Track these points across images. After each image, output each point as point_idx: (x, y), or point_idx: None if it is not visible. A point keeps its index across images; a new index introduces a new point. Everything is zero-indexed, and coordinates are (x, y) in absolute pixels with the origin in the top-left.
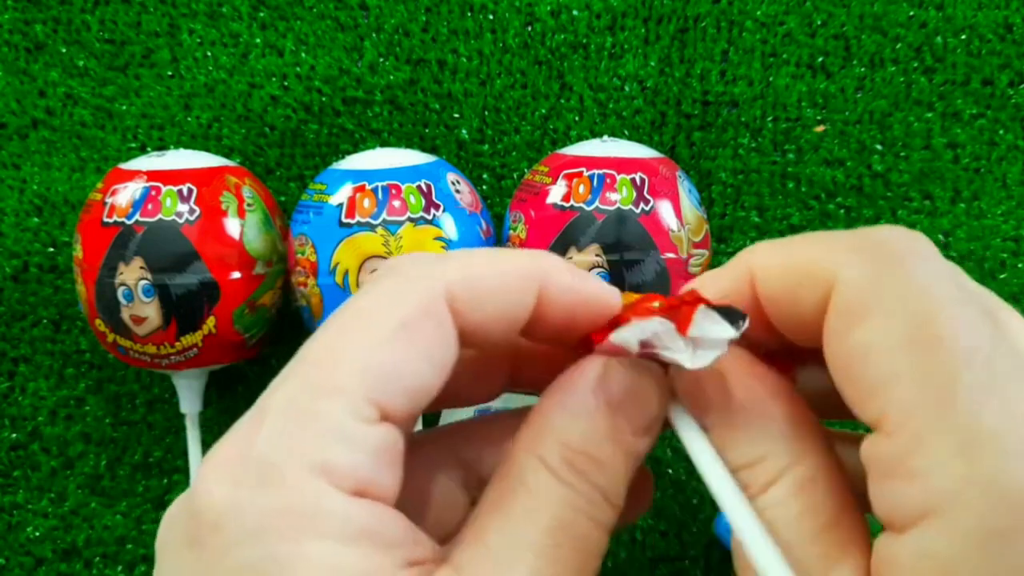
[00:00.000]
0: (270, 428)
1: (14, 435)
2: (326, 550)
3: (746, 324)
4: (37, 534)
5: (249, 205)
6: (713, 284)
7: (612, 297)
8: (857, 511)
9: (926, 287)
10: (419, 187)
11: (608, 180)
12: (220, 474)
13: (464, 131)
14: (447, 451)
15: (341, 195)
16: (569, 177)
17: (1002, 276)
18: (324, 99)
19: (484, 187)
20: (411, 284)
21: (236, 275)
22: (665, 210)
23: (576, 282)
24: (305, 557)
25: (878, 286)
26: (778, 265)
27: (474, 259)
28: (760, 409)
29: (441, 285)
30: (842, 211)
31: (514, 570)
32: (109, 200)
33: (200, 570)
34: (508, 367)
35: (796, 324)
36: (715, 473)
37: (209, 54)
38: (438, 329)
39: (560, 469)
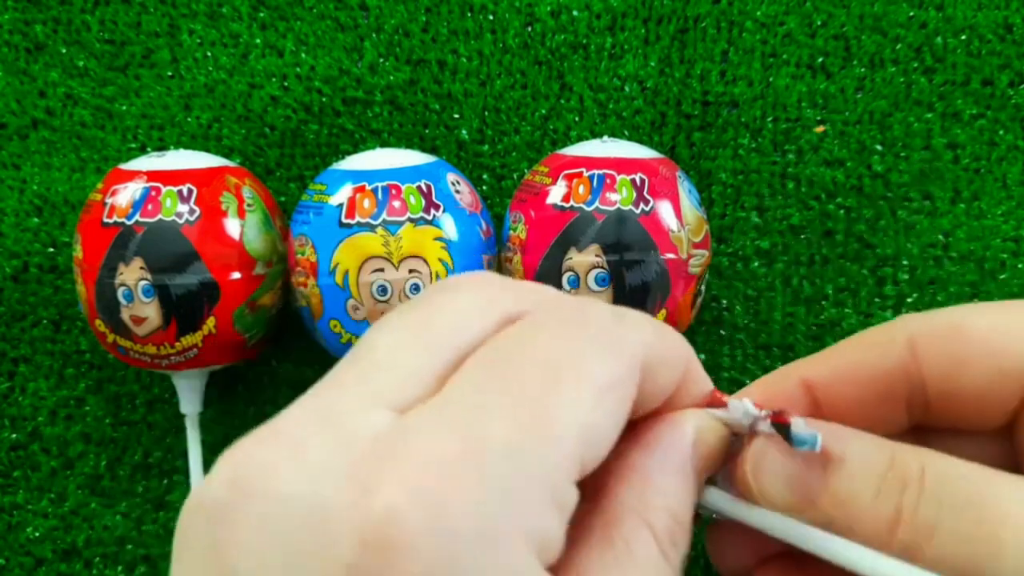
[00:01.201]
0: (497, 469)
1: (14, 435)
2: None
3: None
4: (37, 534)
5: (249, 205)
6: (762, 393)
7: (709, 391)
8: None
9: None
10: (419, 187)
11: (608, 180)
12: (434, 518)
13: (464, 131)
14: None
15: (341, 195)
16: (569, 177)
17: (1002, 276)
18: (324, 99)
19: (484, 187)
20: (620, 341)
21: (236, 275)
22: (665, 210)
23: (702, 370)
24: None
25: (951, 313)
26: (836, 357)
27: (649, 326)
28: (852, 432)
29: (643, 350)
30: (842, 211)
31: None
32: (109, 200)
33: None
34: None
35: (863, 401)
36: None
37: (209, 54)
38: (631, 396)
39: (666, 541)
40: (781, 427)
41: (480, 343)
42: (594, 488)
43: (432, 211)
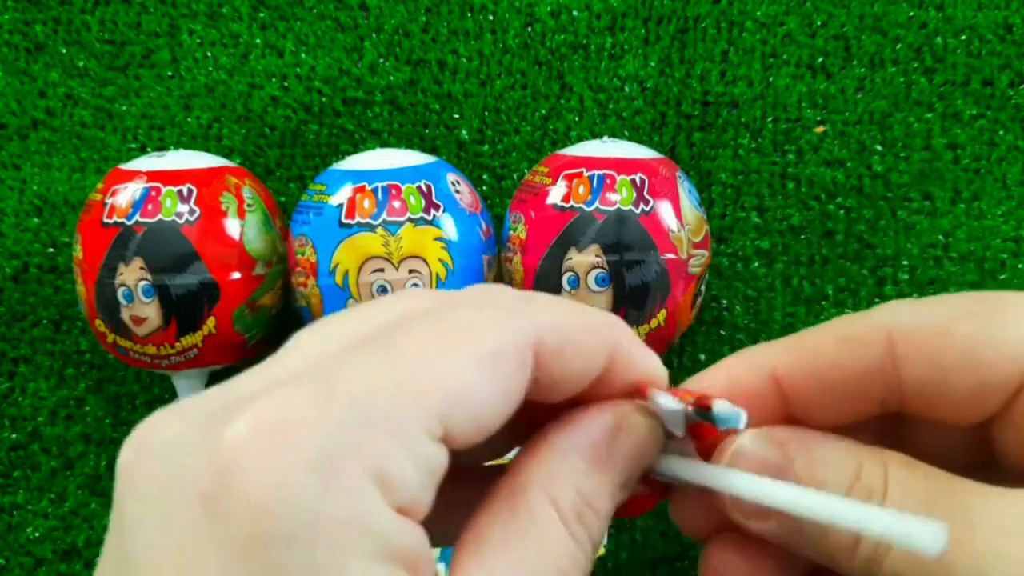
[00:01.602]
0: (341, 415)
1: (14, 435)
2: (366, 570)
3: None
4: (37, 534)
5: (249, 205)
6: (725, 379)
7: (663, 379)
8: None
9: (955, 297)
10: (419, 187)
11: (608, 180)
12: (274, 446)
13: (464, 131)
14: None
15: (341, 195)
16: (569, 178)
17: (1002, 276)
18: (324, 99)
19: (484, 187)
20: (508, 317)
21: (236, 275)
22: (665, 210)
23: (642, 357)
24: (345, 574)
25: (934, 306)
26: (808, 349)
27: (563, 309)
28: (819, 439)
29: (534, 326)
30: (842, 212)
31: None
32: (109, 200)
33: (216, 550)
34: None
35: (838, 396)
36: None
37: (209, 54)
38: (520, 368)
39: (571, 518)
40: (704, 412)
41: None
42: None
43: (432, 211)
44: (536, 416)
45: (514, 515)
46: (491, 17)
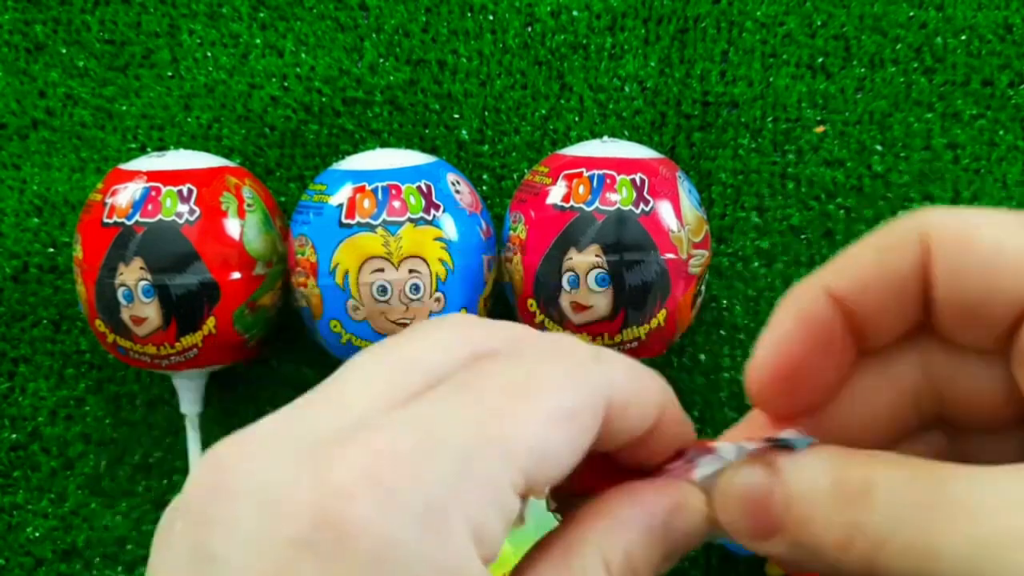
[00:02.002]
0: (446, 465)
1: (14, 435)
2: None
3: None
4: (37, 534)
5: (249, 205)
6: (794, 309)
7: (693, 437)
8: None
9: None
10: (419, 187)
11: (608, 180)
12: (384, 495)
13: (464, 132)
14: None
15: (341, 195)
16: (569, 178)
17: None
18: (324, 99)
19: (484, 187)
20: (587, 375)
21: (236, 275)
22: (665, 210)
23: (685, 419)
24: None
25: (969, 213)
26: (855, 261)
27: (628, 367)
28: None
29: (608, 385)
30: (842, 212)
31: None
32: (109, 200)
33: None
34: None
35: (888, 301)
36: None
37: (209, 54)
38: (593, 425)
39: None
40: (777, 442)
41: (451, 374)
42: (564, 525)
43: (432, 211)
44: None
45: (567, 567)
46: (491, 17)
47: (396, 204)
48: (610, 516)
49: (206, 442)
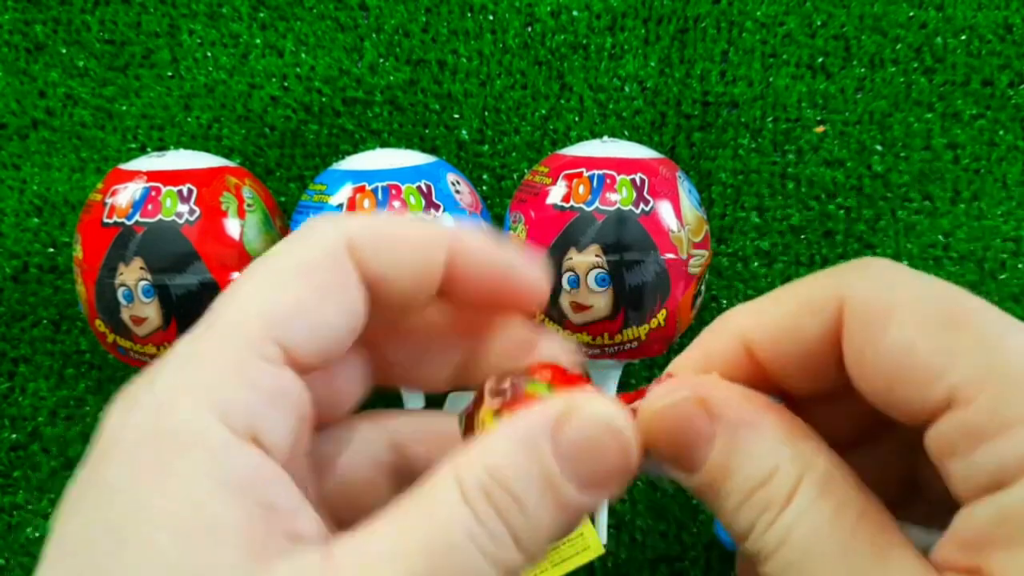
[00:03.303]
0: (171, 367)
1: (14, 435)
2: (193, 487)
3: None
4: (37, 534)
5: (249, 205)
6: (702, 353)
7: (536, 279)
8: (873, 497)
9: (930, 281)
10: (419, 188)
11: (608, 180)
12: (119, 406)
13: (464, 131)
14: (383, 435)
15: (341, 195)
16: (569, 178)
17: (1002, 276)
18: (324, 99)
19: (484, 187)
20: (312, 234)
21: (236, 275)
22: (665, 210)
23: (492, 249)
24: (167, 490)
25: (891, 291)
26: (771, 314)
27: (382, 217)
28: (755, 424)
29: (341, 233)
30: (842, 211)
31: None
32: (109, 200)
33: (81, 491)
34: (455, 351)
35: (801, 364)
36: None
37: (209, 54)
38: (339, 272)
39: (474, 495)
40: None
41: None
42: None
43: (432, 211)
44: (476, 331)
45: (420, 488)
46: (491, 17)
47: (396, 204)
48: (484, 434)
49: None
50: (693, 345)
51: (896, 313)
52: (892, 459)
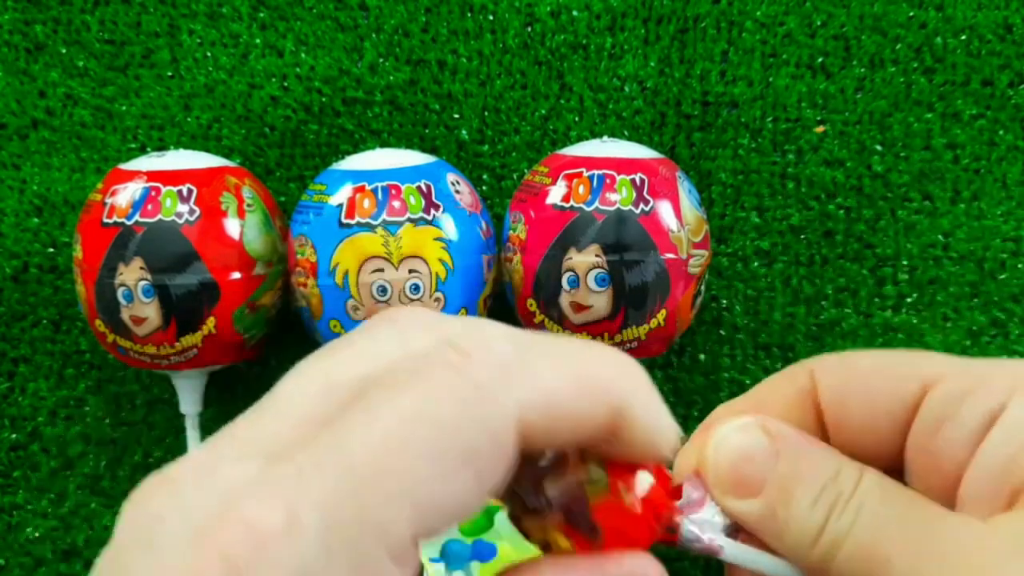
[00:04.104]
0: (307, 540)
1: (14, 435)
2: None
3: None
4: (37, 535)
5: (249, 206)
6: (773, 394)
7: (672, 441)
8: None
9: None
10: (419, 187)
11: (608, 180)
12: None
13: (464, 131)
14: None
15: (341, 195)
16: (569, 177)
17: (1002, 276)
18: (324, 99)
19: (484, 187)
20: (481, 401)
21: (236, 275)
22: (665, 210)
23: (658, 417)
24: None
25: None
26: (851, 379)
27: (551, 369)
28: (813, 441)
29: (515, 410)
30: (842, 212)
31: None
32: (109, 200)
33: None
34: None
35: (867, 431)
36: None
37: (209, 54)
38: (501, 459)
39: None
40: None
41: (368, 390)
42: None
43: (432, 211)
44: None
45: None
46: (491, 17)
47: (396, 204)
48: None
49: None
50: (772, 385)
51: (863, 355)
52: None
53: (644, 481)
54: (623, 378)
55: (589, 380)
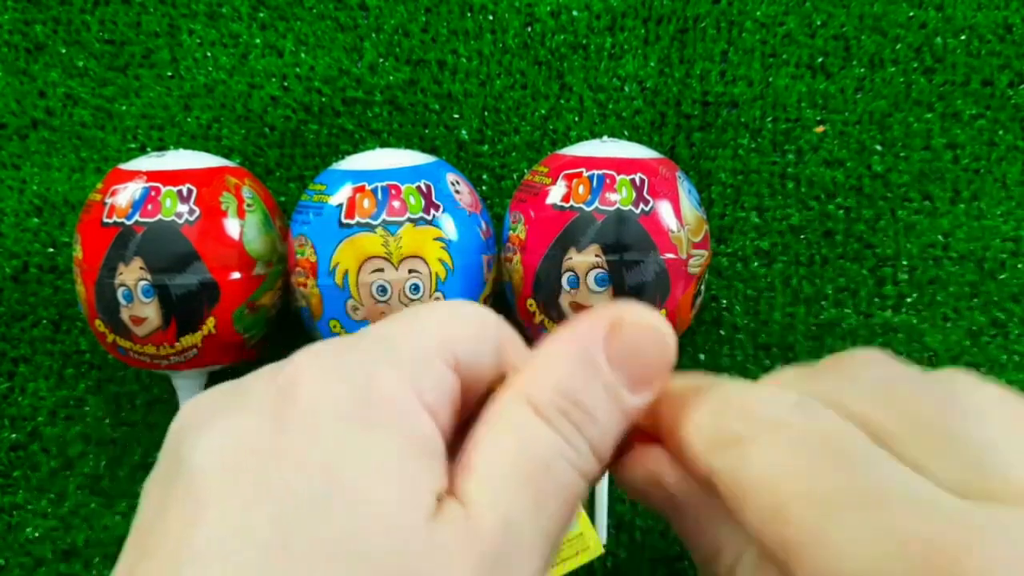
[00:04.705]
0: (368, 346)
1: (14, 435)
2: (397, 448)
3: None
4: (37, 534)
5: (249, 206)
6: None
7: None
8: None
9: None
10: (419, 187)
11: (608, 180)
12: (316, 364)
13: (464, 131)
14: None
15: (341, 195)
16: (569, 177)
17: (1002, 276)
18: (324, 99)
19: (484, 187)
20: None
21: (236, 275)
22: (665, 210)
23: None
24: (376, 452)
25: None
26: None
27: (473, 323)
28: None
29: (495, 326)
30: (842, 211)
31: (500, 503)
32: (109, 200)
33: (280, 442)
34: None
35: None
36: None
37: (209, 54)
38: (485, 341)
39: (550, 414)
40: None
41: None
42: None
43: (432, 211)
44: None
45: (491, 420)
46: (491, 17)
47: (396, 204)
48: (533, 359)
49: None
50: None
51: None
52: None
53: None
54: (500, 326)
55: (480, 325)
